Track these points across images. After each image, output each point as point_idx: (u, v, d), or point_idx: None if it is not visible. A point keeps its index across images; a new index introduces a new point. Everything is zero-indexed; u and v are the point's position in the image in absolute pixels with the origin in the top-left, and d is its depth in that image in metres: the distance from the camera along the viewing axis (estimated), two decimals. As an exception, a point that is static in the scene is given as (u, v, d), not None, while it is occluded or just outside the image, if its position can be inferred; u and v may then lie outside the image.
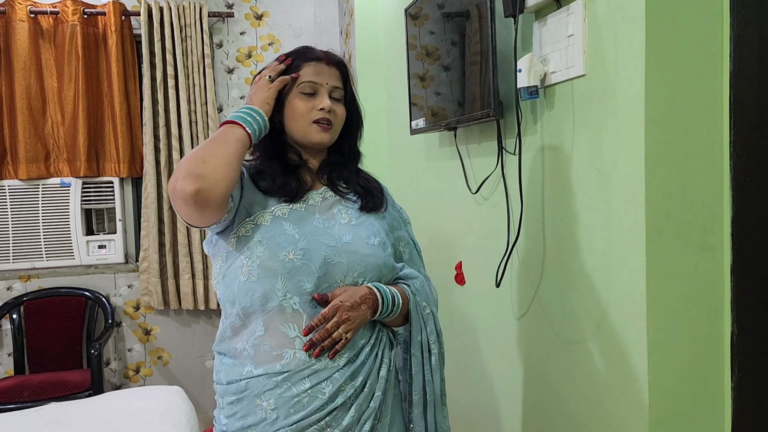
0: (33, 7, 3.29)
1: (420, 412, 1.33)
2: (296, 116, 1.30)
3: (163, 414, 2.28)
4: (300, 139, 1.31)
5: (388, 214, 1.39)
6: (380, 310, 1.25)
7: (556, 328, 1.48)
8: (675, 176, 1.14)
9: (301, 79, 1.30)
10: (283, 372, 1.19)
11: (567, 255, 1.41)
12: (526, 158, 1.56)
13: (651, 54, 1.12)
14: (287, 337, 1.20)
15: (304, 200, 1.30)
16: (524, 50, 1.52)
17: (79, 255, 3.44)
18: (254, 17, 3.70)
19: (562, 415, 1.46)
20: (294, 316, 1.21)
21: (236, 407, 1.23)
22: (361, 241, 1.27)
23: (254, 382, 1.21)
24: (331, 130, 1.30)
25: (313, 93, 1.29)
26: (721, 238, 1.16)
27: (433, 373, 1.34)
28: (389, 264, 1.31)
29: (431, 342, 1.34)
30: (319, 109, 1.28)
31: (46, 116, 3.37)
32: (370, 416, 1.24)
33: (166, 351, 3.63)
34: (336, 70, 1.33)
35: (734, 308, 1.15)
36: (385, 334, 1.32)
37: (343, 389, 1.21)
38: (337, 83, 1.32)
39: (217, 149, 1.16)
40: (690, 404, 1.16)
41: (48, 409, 2.36)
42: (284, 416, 1.19)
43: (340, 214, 1.31)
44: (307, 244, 1.22)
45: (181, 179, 1.10)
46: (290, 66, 1.31)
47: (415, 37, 2.16)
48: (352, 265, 1.24)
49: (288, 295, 1.20)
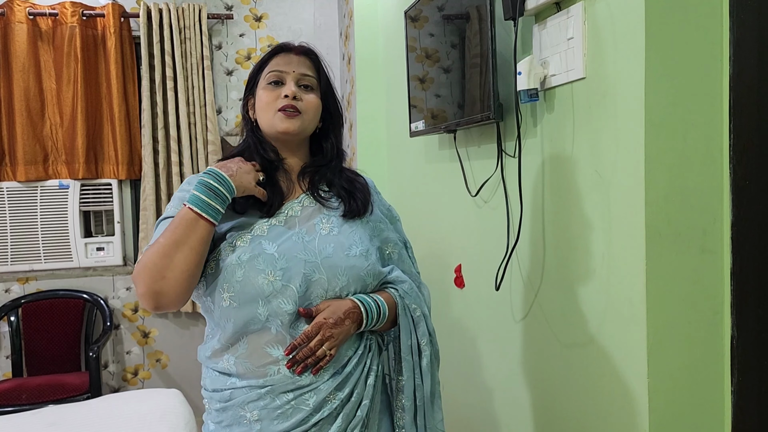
0: (32, 9, 3.29)
1: (411, 419, 1.30)
2: (263, 107, 1.27)
3: (162, 417, 2.27)
4: (268, 131, 1.28)
5: (373, 216, 1.32)
6: (365, 323, 1.21)
7: (555, 331, 1.47)
8: (675, 179, 1.14)
9: (267, 70, 1.28)
10: (266, 385, 1.17)
11: (567, 258, 1.41)
12: (525, 161, 1.56)
13: (651, 57, 1.12)
14: (270, 356, 1.18)
15: (284, 212, 1.25)
16: (524, 53, 1.52)
17: (77, 257, 3.43)
18: (253, 19, 3.70)
19: (563, 419, 1.46)
20: (277, 337, 1.18)
21: (222, 415, 1.22)
22: (342, 253, 1.21)
23: (238, 393, 1.19)
24: (298, 118, 1.25)
25: (279, 81, 1.27)
26: (720, 241, 1.16)
27: (423, 376, 1.30)
28: (373, 272, 1.25)
29: (423, 344, 1.30)
30: (283, 96, 1.25)
31: (44, 118, 3.36)
32: (357, 425, 1.21)
33: (164, 354, 3.63)
34: (306, 59, 1.30)
35: (734, 312, 1.14)
36: (374, 342, 1.29)
37: (328, 400, 1.19)
38: (307, 71, 1.28)
39: (179, 258, 1.13)
40: (690, 407, 1.16)
41: (46, 412, 2.36)
42: (267, 427, 1.17)
43: (321, 224, 1.25)
44: (286, 263, 1.17)
45: (142, 294, 1.15)
46: (261, 62, 1.31)
47: (414, 39, 2.16)
48: (332, 280, 1.20)
49: (270, 318, 1.17)
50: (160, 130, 3.41)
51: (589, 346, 1.33)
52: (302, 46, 1.32)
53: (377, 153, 3.03)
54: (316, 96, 1.29)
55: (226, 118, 3.68)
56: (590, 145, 1.29)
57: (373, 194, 1.36)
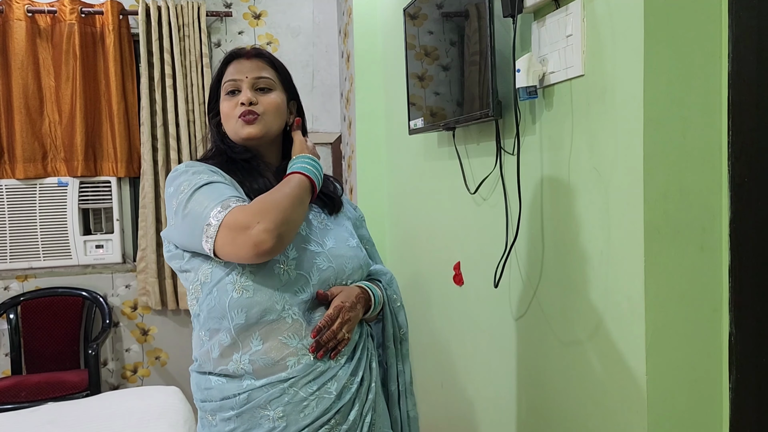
0: (30, 6, 3.28)
1: (394, 402, 1.39)
2: (225, 118, 1.30)
3: (161, 414, 2.27)
4: (235, 139, 1.30)
5: (350, 213, 1.42)
6: (372, 308, 1.29)
7: (554, 328, 1.47)
8: (673, 177, 1.14)
9: (224, 80, 1.31)
10: (289, 378, 1.16)
11: (565, 255, 1.41)
12: (524, 158, 1.56)
13: (650, 54, 1.12)
14: (288, 347, 1.17)
15: None
16: (523, 50, 1.52)
17: (76, 255, 3.43)
18: (252, 17, 3.69)
19: (561, 416, 1.46)
20: (294, 325, 1.18)
21: (235, 423, 1.17)
22: (343, 244, 1.29)
23: (257, 393, 1.16)
24: (258, 121, 1.26)
25: (235, 90, 1.29)
26: (719, 239, 1.16)
27: (404, 363, 1.41)
28: (366, 263, 1.35)
29: (402, 333, 1.41)
30: (240, 104, 1.27)
31: (43, 115, 3.36)
32: (369, 409, 1.26)
33: (163, 351, 3.63)
34: (258, 61, 1.31)
35: (732, 309, 1.15)
36: (366, 329, 1.35)
37: (347, 386, 1.22)
38: (260, 73, 1.30)
39: (299, 212, 1.16)
40: (688, 405, 1.16)
41: (45, 409, 2.36)
42: (294, 423, 1.15)
43: (315, 218, 1.30)
44: (297, 254, 1.21)
45: (265, 229, 1.08)
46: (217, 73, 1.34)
47: (413, 36, 2.16)
48: (340, 269, 1.26)
49: (287, 307, 1.18)
50: (159, 128, 3.41)
51: (587, 344, 1.33)
52: (253, 48, 1.34)
53: (376, 150, 3.03)
54: (278, 94, 1.31)
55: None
56: (589, 142, 1.29)
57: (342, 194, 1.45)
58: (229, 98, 1.29)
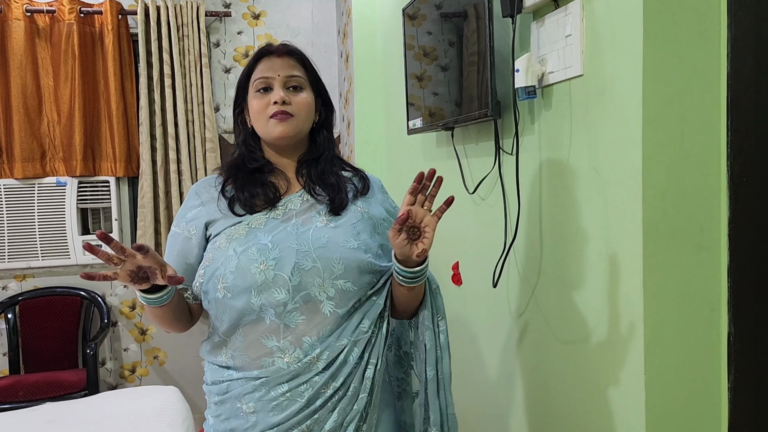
0: (29, 6, 3.28)
1: (434, 391, 1.31)
2: (256, 115, 1.29)
3: (159, 414, 2.27)
4: (265, 137, 1.30)
5: (375, 213, 1.33)
6: (426, 262, 1.23)
7: (553, 328, 1.48)
8: (672, 176, 1.14)
9: (254, 77, 1.30)
10: (261, 377, 1.20)
11: (564, 255, 1.41)
12: (523, 158, 1.56)
13: (648, 54, 1.12)
14: (265, 347, 1.20)
15: (283, 205, 1.27)
16: (522, 50, 1.52)
17: (74, 254, 3.43)
18: (251, 17, 3.69)
19: (559, 415, 1.46)
20: (271, 327, 1.20)
21: (220, 408, 1.25)
22: (337, 245, 1.22)
23: (234, 385, 1.23)
24: (290, 121, 1.27)
25: (267, 88, 1.28)
26: (718, 238, 1.16)
27: (443, 350, 1.32)
28: (370, 267, 1.25)
29: (439, 319, 1.32)
30: (273, 103, 1.26)
31: (42, 115, 3.36)
32: (354, 419, 1.22)
33: (162, 351, 3.63)
34: (289, 59, 1.30)
35: (731, 308, 1.15)
36: (377, 336, 1.27)
37: (323, 392, 1.20)
38: (292, 72, 1.29)
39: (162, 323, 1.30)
40: (687, 404, 1.17)
41: (43, 409, 2.36)
42: (263, 419, 1.19)
43: (318, 216, 1.27)
44: (279, 253, 1.19)
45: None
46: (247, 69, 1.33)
47: (412, 37, 2.16)
48: (328, 270, 1.20)
49: (263, 308, 1.19)
50: (158, 128, 3.40)
51: (586, 343, 1.33)
52: (284, 46, 1.32)
53: (375, 150, 3.03)
54: (308, 93, 1.31)
55: (224, 116, 3.68)
56: (588, 142, 1.30)
57: (378, 193, 1.39)
58: (260, 96, 1.28)
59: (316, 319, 1.20)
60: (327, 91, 1.38)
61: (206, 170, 3.48)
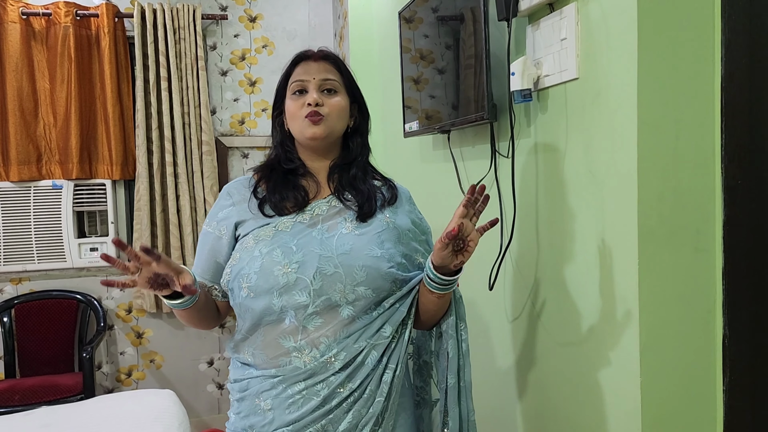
0: (25, 9, 3.27)
1: (455, 398, 1.32)
2: (291, 117, 1.32)
3: (156, 418, 2.27)
4: (299, 138, 1.33)
5: (401, 224, 1.34)
6: (461, 272, 1.26)
7: (549, 330, 1.48)
8: (667, 179, 1.14)
9: (291, 80, 1.33)
10: (278, 376, 1.23)
11: (560, 257, 1.41)
12: (519, 161, 1.56)
13: (643, 57, 1.12)
14: (283, 347, 1.24)
15: (310, 210, 1.30)
16: (517, 54, 1.53)
17: (71, 257, 3.42)
18: (248, 20, 3.69)
19: (555, 417, 1.46)
20: (291, 327, 1.23)
21: (241, 405, 1.29)
22: (361, 252, 1.24)
23: (254, 383, 1.26)
24: (323, 122, 1.29)
25: (302, 90, 1.31)
26: (713, 240, 1.16)
27: (465, 358, 1.34)
28: (392, 276, 1.26)
29: (462, 327, 1.35)
30: (306, 104, 1.29)
31: (38, 118, 3.35)
32: (369, 421, 1.24)
33: (158, 354, 3.62)
34: (325, 63, 1.33)
35: (726, 311, 1.15)
36: (395, 340, 1.28)
37: (338, 392, 1.22)
38: (327, 75, 1.32)
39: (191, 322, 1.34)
40: (682, 406, 1.17)
41: (39, 413, 2.35)
42: (280, 416, 1.22)
43: (343, 223, 1.29)
44: (302, 257, 1.22)
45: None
46: (285, 74, 1.35)
47: (409, 40, 2.17)
48: (350, 276, 1.22)
49: (284, 310, 1.22)
50: (155, 131, 3.40)
51: (582, 346, 1.34)
52: (321, 51, 1.36)
53: (372, 153, 3.03)
54: (342, 97, 1.33)
55: (221, 119, 3.68)
56: (583, 145, 1.30)
57: (405, 204, 1.41)
58: (295, 98, 1.31)
59: (334, 322, 1.23)
60: (363, 97, 1.40)
61: (203, 173, 3.48)
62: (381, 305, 1.26)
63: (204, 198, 3.49)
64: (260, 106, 3.72)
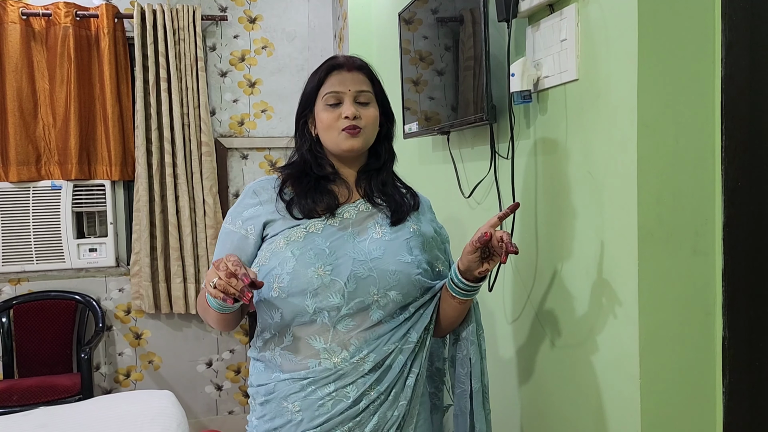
0: (25, 9, 3.27)
1: (480, 402, 1.35)
2: (325, 128, 1.31)
3: (154, 419, 2.26)
4: (333, 149, 1.32)
5: (425, 231, 1.37)
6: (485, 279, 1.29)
7: (548, 332, 1.48)
8: (667, 181, 1.14)
9: (324, 91, 1.31)
10: (308, 377, 1.23)
11: (559, 259, 1.41)
12: (519, 162, 1.56)
13: (643, 59, 1.12)
14: (313, 349, 1.24)
15: (340, 214, 1.30)
16: (517, 55, 1.53)
17: (69, 258, 3.42)
18: (248, 21, 3.69)
19: (555, 419, 1.46)
20: (322, 328, 1.24)
21: (265, 409, 1.28)
22: (392, 257, 1.27)
23: (281, 386, 1.25)
24: (360, 135, 1.29)
25: (338, 102, 1.30)
26: (712, 242, 1.16)
27: (484, 362, 1.37)
28: (420, 282, 1.29)
29: (480, 333, 1.37)
30: (344, 117, 1.28)
31: (37, 119, 3.35)
32: (393, 425, 1.25)
33: (157, 355, 3.61)
34: (359, 74, 1.33)
35: (726, 313, 1.15)
36: (420, 345, 1.31)
37: (367, 393, 1.23)
38: (362, 87, 1.32)
39: (212, 320, 1.29)
40: (682, 408, 1.17)
41: (37, 413, 2.34)
42: (309, 419, 1.23)
43: (373, 228, 1.31)
44: (336, 260, 1.23)
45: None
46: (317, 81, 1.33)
47: (408, 41, 2.17)
48: (383, 280, 1.24)
49: (317, 311, 1.22)
50: (154, 132, 3.40)
51: (581, 347, 1.33)
52: (354, 61, 1.34)
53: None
54: (374, 108, 1.34)
55: (220, 120, 3.68)
56: (583, 146, 1.30)
57: (428, 212, 1.44)
58: (330, 109, 1.30)
59: (364, 325, 1.24)
60: (389, 103, 1.40)
61: (202, 174, 3.48)
62: (406, 309, 1.29)
63: (203, 199, 3.49)
64: (259, 107, 3.72)
